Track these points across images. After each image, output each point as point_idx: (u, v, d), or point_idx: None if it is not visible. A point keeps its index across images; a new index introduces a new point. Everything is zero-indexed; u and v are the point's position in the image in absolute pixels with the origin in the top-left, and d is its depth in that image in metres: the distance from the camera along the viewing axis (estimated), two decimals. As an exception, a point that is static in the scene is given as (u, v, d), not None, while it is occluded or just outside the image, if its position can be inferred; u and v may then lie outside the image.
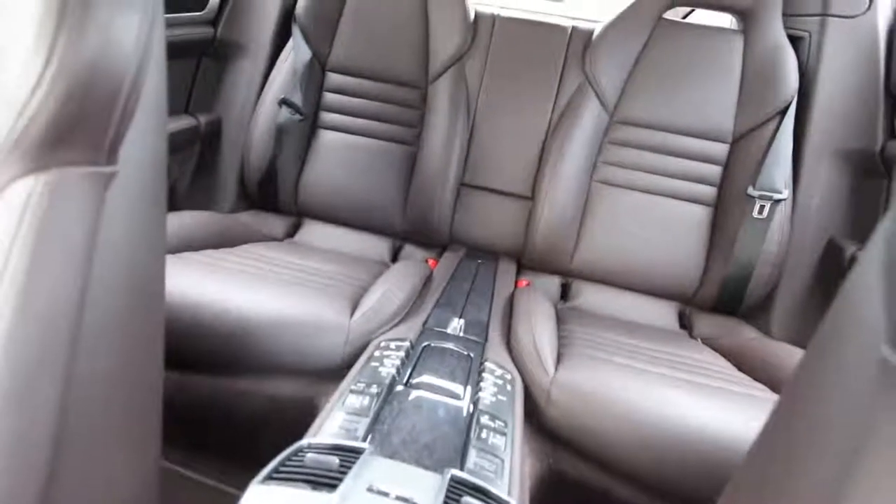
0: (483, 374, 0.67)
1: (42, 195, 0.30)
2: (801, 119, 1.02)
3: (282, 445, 0.47)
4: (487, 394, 0.63)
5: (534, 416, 0.69)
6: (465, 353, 0.72)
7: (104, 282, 0.38)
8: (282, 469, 0.43)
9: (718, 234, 1.03)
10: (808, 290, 1.01)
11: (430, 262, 1.10)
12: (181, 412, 0.65)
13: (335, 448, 0.46)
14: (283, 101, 1.09)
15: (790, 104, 0.99)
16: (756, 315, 1.04)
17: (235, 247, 0.95)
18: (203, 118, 1.13)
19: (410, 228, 1.14)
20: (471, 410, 0.59)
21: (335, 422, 0.53)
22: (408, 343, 0.71)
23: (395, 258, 1.16)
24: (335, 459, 0.43)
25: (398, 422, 0.55)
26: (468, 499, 0.43)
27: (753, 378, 0.79)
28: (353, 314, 0.75)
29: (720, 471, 0.61)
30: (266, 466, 0.43)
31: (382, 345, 0.70)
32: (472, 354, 0.72)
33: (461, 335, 0.77)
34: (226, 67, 1.20)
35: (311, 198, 1.16)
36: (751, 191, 0.97)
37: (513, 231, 1.17)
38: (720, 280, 1.00)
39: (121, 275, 0.41)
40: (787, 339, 0.96)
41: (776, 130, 0.98)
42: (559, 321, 0.90)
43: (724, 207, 1.04)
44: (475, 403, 0.60)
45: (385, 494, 0.41)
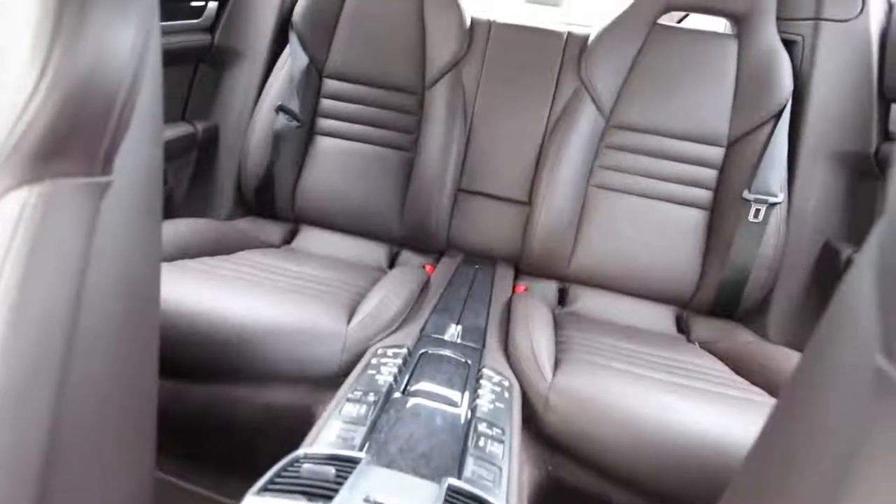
0: (481, 381, 0.67)
1: (36, 206, 0.30)
2: (796, 122, 1.02)
3: (278, 455, 0.47)
4: (485, 401, 0.62)
5: (532, 423, 0.69)
6: (463, 360, 0.71)
7: (99, 291, 0.38)
8: (277, 480, 0.43)
9: (715, 238, 1.04)
10: (805, 293, 1.02)
11: (428, 268, 1.10)
12: (176, 421, 0.65)
13: (331, 458, 0.46)
14: (280, 108, 1.09)
15: (785, 107, 1.00)
16: (753, 318, 1.04)
17: (232, 254, 0.94)
18: (200, 125, 1.13)
19: (408, 234, 1.14)
20: (468, 418, 0.59)
21: (332, 431, 0.53)
22: (405, 350, 0.70)
23: (393, 264, 1.16)
24: (331, 470, 0.43)
25: (395, 430, 0.54)
26: (466, 508, 0.42)
27: (751, 382, 0.79)
28: (350, 321, 0.75)
29: (719, 476, 0.61)
30: (262, 477, 0.43)
31: (380, 352, 0.70)
32: (470, 361, 0.72)
33: (459, 342, 0.77)
34: (223, 74, 1.20)
35: (309, 204, 1.16)
36: (746, 194, 0.98)
37: (510, 236, 1.17)
38: (717, 283, 1.01)
39: (116, 284, 0.40)
40: (784, 343, 0.96)
41: (771, 134, 0.99)
42: (557, 326, 0.90)
43: (721, 211, 1.04)
44: (473, 410, 0.60)
45: (382, 504, 0.41)
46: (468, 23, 1.17)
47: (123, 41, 0.33)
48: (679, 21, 1.43)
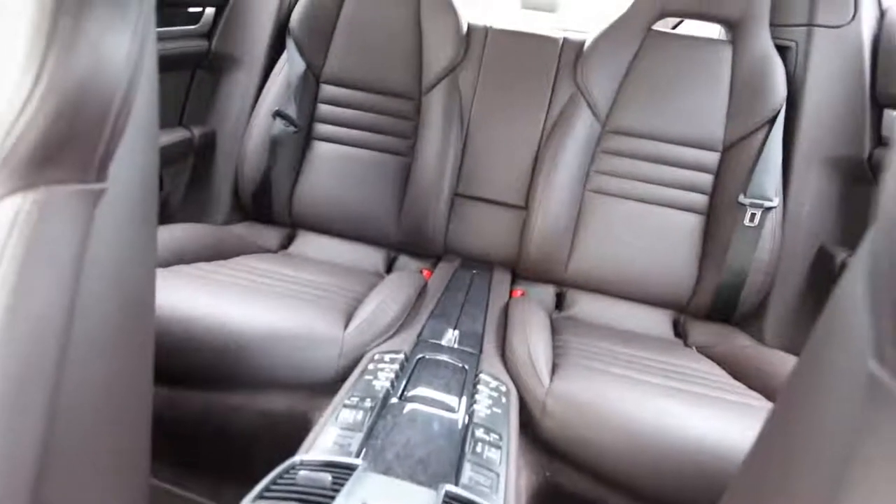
0: (478, 386, 0.67)
1: (30, 213, 0.29)
2: (790, 127, 1.03)
3: (274, 461, 0.47)
4: (482, 406, 0.62)
5: (529, 428, 0.69)
6: (460, 365, 0.71)
7: (93, 297, 0.38)
8: (273, 487, 0.42)
9: (711, 242, 1.04)
10: (801, 298, 1.02)
11: (425, 273, 1.10)
12: (172, 428, 0.65)
13: (328, 465, 0.45)
14: (278, 113, 1.10)
15: (779, 113, 1.00)
16: (750, 322, 1.04)
17: (229, 259, 0.94)
18: (197, 130, 1.13)
19: (405, 239, 1.14)
20: (466, 423, 0.59)
21: (328, 437, 0.53)
22: (402, 355, 0.70)
23: (390, 269, 1.16)
24: (328, 476, 0.43)
25: (392, 436, 0.54)
26: (463, 515, 0.42)
27: (748, 386, 0.79)
28: (347, 326, 0.75)
29: (717, 480, 0.61)
30: (258, 484, 0.43)
31: (377, 357, 0.70)
32: (467, 366, 0.71)
33: (456, 347, 0.77)
34: (220, 80, 1.20)
35: (306, 209, 1.16)
36: (742, 199, 0.98)
37: (507, 241, 1.18)
38: (713, 288, 1.01)
39: (110, 290, 0.40)
40: (781, 347, 0.96)
41: (766, 139, 1.00)
42: (554, 331, 0.90)
43: (716, 215, 1.04)
44: (470, 416, 0.60)
45: (378, 512, 0.41)
46: (465, 29, 1.18)
47: (119, 48, 0.33)
48: (674, 27, 1.44)
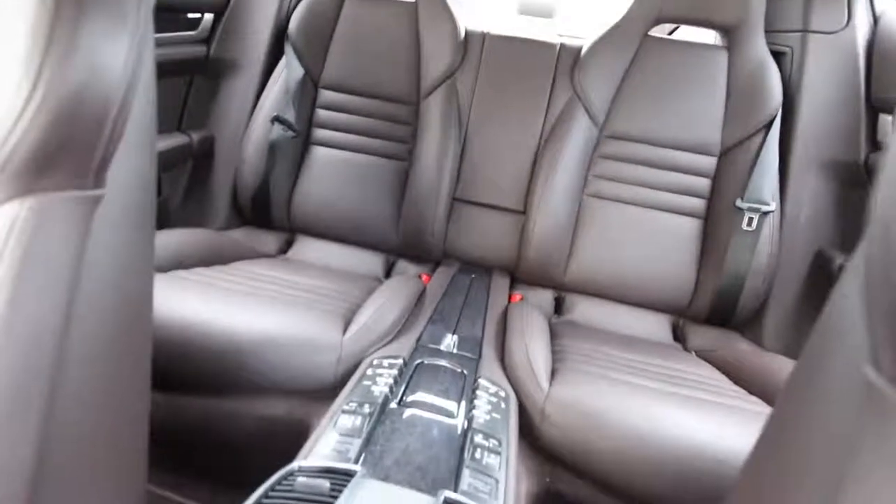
0: (477, 392, 0.66)
1: (27, 220, 0.29)
2: (787, 132, 1.03)
3: (273, 467, 0.46)
4: (481, 412, 0.62)
5: (529, 434, 0.68)
6: (459, 371, 0.71)
7: (90, 303, 0.38)
8: (272, 494, 0.42)
9: (709, 246, 1.04)
10: (799, 301, 1.02)
11: (424, 278, 1.10)
12: (169, 434, 0.64)
13: (326, 471, 0.45)
14: (276, 119, 1.10)
15: (775, 117, 1.01)
16: (749, 326, 1.04)
17: (227, 264, 0.94)
18: (195, 136, 1.13)
19: (404, 244, 1.14)
20: (465, 429, 0.58)
21: (327, 443, 0.52)
22: (401, 361, 0.70)
23: (389, 274, 1.16)
24: (326, 483, 0.42)
25: (391, 442, 0.54)
26: (462, 521, 0.42)
27: (748, 391, 0.79)
28: (346, 332, 0.74)
29: (717, 486, 0.60)
30: (256, 491, 0.43)
31: (375, 363, 0.69)
32: (466, 371, 0.71)
33: (455, 352, 0.77)
34: (219, 85, 1.20)
35: (304, 214, 1.16)
36: (739, 203, 0.98)
37: (506, 245, 1.18)
38: (712, 292, 1.01)
39: (107, 296, 0.40)
40: (780, 351, 0.96)
41: (762, 143, 1.00)
42: (553, 336, 0.90)
43: (714, 219, 1.05)
44: (469, 421, 0.60)
45: (377, 518, 0.40)
46: (462, 34, 1.18)
47: (116, 55, 0.33)
48: (670, 33, 1.45)
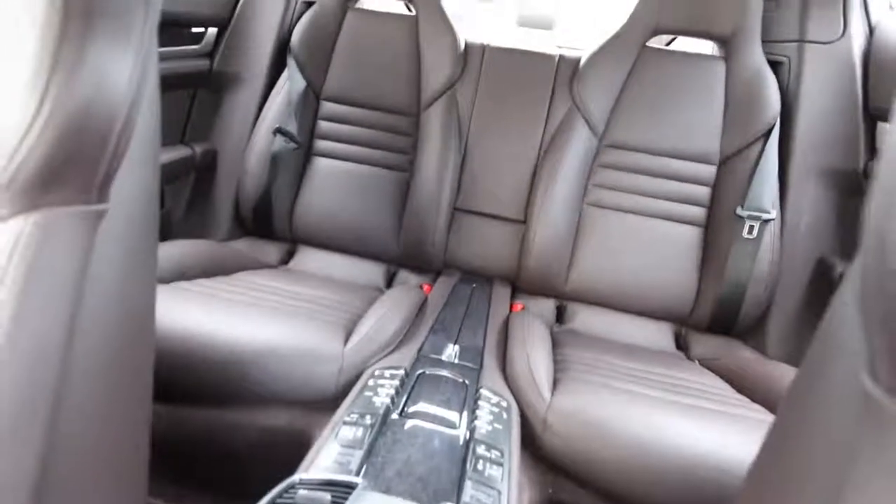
0: (479, 402, 0.66)
1: (32, 235, 0.30)
2: (786, 141, 1.04)
3: (274, 479, 0.46)
4: (483, 422, 0.62)
5: (531, 444, 0.68)
6: (461, 381, 0.71)
7: (93, 315, 0.38)
8: (272, 507, 0.42)
9: (710, 255, 1.04)
10: (802, 309, 1.02)
11: (425, 288, 1.10)
12: (171, 446, 0.64)
13: (327, 483, 0.45)
14: (279, 130, 1.11)
15: (773, 126, 1.02)
16: (752, 334, 1.04)
17: (229, 275, 0.94)
18: (198, 148, 1.14)
19: (405, 254, 1.15)
20: (467, 439, 0.58)
21: (328, 455, 0.52)
22: (402, 371, 0.70)
23: (390, 284, 1.16)
24: (327, 496, 0.42)
25: (393, 453, 0.54)
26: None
27: (751, 399, 0.78)
28: (347, 342, 0.74)
29: (720, 495, 0.60)
30: (257, 504, 0.42)
31: (377, 373, 0.69)
32: (468, 381, 0.71)
33: (456, 362, 0.76)
34: (222, 98, 1.22)
35: (306, 224, 1.17)
36: (740, 211, 0.99)
37: (507, 255, 1.18)
38: (714, 300, 1.01)
39: (110, 308, 0.40)
40: (784, 359, 0.96)
41: (761, 152, 1.00)
42: (555, 345, 0.90)
43: (715, 228, 1.05)
44: (471, 432, 0.59)
45: (378, 532, 0.40)
46: (462, 46, 1.20)
47: (122, 71, 0.34)
48: (667, 44, 1.46)
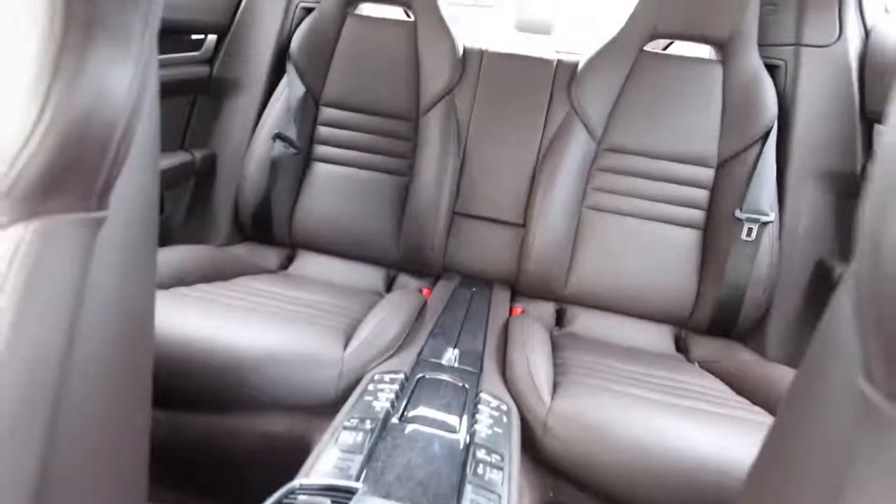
0: (479, 406, 0.66)
1: (31, 243, 0.30)
2: (783, 144, 1.04)
3: (274, 484, 0.46)
4: (483, 426, 0.62)
5: (531, 448, 0.68)
6: (461, 385, 0.71)
7: (93, 321, 0.38)
8: (272, 513, 0.42)
9: (709, 257, 1.04)
10: (801, 311, 1.02)
11: (425, 292, 1.10)
12: (170, 452, 0.64)
13: (327, 489, 0.45)
14: (278, 136, 1.11)
15: (771, 129, 1.02)
16: (752, 336, 1.04)
17: (229, 280, 0.94)
18: (198, 154, 1.15)
19: (404, 258, 1.15)
20: (467, 443, 0.58)
21: (328, 460, 0.52)
22: (402, 375, 0.70)
23: (390, 288, 1.16)
24: (327, 501, 0.42)
25: (393, 458, 0.54)
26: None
27: (751, 401, 0.78)
28: (347, 347, 0.74)
29: (721, 498, 0.60)
30: (256, 510, 0.42)
31: (377, 378, 0.69)
32: (468, 385, 0.71)
33: (456, 366, 0.76)
34: (221, 104, 1.22)
35: (306, 229, 1.17)
36: (738, 213, 0.99)
37: (506, 258, 1.18)
38: (714, 302, 1.01)
39: (110, 313, 0.41)
40: (783, 360, 0.96)
41: (759, 155, 1.01)
42: (555, 348, 0.90)
43: (714, 230, 1.05)
44: (471, 436, 0.59)
45: (378, 537, 0.40)
46: (461, 51, 1.20)
47: (122, 79, 0.34)
48: (665, 48, 1.47)
